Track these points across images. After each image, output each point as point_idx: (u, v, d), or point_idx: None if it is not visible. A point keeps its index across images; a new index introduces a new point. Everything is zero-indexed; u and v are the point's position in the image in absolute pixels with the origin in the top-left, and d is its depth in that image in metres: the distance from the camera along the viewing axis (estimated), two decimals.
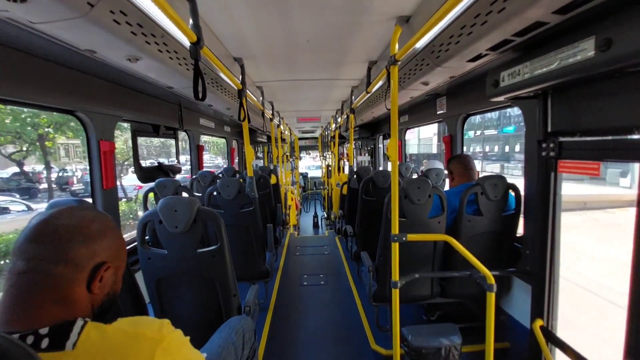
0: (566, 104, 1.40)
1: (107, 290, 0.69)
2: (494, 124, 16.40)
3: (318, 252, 4.39)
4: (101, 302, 0.68)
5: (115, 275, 0.70)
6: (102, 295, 0.68)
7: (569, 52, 1.10)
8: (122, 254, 0.72)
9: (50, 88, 1.57)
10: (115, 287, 0.72)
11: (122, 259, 0.72)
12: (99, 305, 0.67)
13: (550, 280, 1.55)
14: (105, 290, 0.68)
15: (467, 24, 1.30)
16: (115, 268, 0.69)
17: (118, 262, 0.70)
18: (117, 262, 0.70)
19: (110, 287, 0.69)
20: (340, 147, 7.09)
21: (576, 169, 1.36)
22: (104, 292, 0.68)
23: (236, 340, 1.25)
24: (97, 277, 0.64)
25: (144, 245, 1.47)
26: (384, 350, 2.04)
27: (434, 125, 11.79)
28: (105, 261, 0.66)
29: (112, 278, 0.69)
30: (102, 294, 0.67)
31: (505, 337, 1.95)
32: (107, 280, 0.67)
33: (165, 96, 2.65)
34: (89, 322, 0.60)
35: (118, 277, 0.72)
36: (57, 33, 1.10)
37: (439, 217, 1.87)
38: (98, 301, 0.67)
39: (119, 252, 0.70)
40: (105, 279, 0.66)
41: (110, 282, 0.69)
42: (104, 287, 0.67)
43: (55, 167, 11.19)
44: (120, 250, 0.71)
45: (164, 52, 1.50)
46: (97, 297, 0.66)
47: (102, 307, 0.69)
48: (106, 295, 0.69)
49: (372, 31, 1.83)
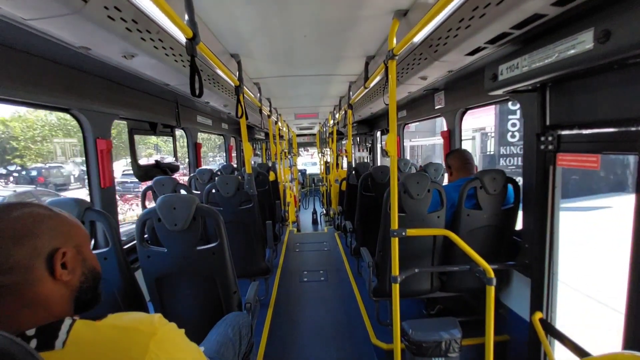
0: (565, 96, 1.40)
1: (79, 271, 0.67)
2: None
3: (317, 248, 4.40)
4: (79, 284, 0.67)
5: (80, 253, 0.68)
6: (77, 278, 0.66)
7: (568, 44, 1.10)
8: (75, 232, 0.69)
9: (45, 86, 1.56)
10: (89, 264, 0.70)
11: (78, 237, 0.69)
12: (78, 288, 0.66)
13: (550, 273, 1.56)
14: (77, 272, 0.66)
15: (465, 17, 1.29)
16: (75, 247, 0.67)
17: (73, 241, 0.67)
18: (72, 242, 0.66)
19: (81, 266, 0.68)
20: (338, 143, 7.08)
21: (575, 162, 1.36)
22: (77, 275, 0.66)
23: (233, 336, 1.25)
24: (57, 266, 0.62)
25: (143, 243, 1.47)
26: (385, 344, 2.05)
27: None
28: (58, 247, 0.63)
29: (78, 258, 0.67)
30: (75, 278, 0.66)
31: (505, 330, 1.97)
32: (73, 262, 0.65)
33: (161, 93, 2.63)
34: (77, 320, 0.59)
35: (85, 254, 0.70)
36: (50, 30, 1.09)
37: (438, 211, 1.87)
38: (75, 285, 0.66)
39: (68, 233, 0.67)
40: (69, 262, 0.64)
41: (78, 262, 0.67)
42: (74, 270, 0.65)
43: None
44: (70, 231, 0.67)
45: (159, 49, 1.48)
46: (72, 282, 0.65)
47: (83, 288, 0.67)
48: (82, 275, 0.67)
49: (370, 25, 1.81)
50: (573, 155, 1.37)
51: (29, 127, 13.61)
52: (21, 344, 0.42)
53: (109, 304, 1.35)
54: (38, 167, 13.58)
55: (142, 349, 0.58)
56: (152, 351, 0.59)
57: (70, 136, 15.89)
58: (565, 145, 1.40)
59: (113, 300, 1.35)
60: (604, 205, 8.36)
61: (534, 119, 1.57)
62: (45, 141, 14.70)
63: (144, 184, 2.80)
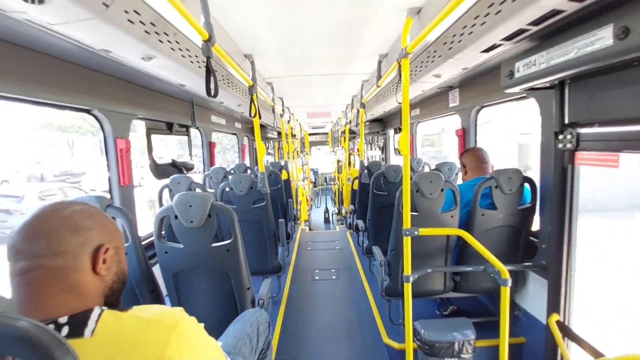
0: (584, 94, 1.36)
1: (114, 270, 0.72)
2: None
3: (329, 247, 4.41)
4: (111, 283, 0.71)
5: (118, 254, 0.74)
6: (111, 276, 0.71)
7: (586, 40, 1.07)
8: (117, 235, 0.75)
9: (68, 88, 1.62)
10: (122, 267, 0.75)
11: (118, 239, 0.75)
12: (110, 287, 0.70)
13: (567, 275, 1.52)
14: (112, 271, 0.71)
15: (480, 13, 1.27)
16: (115, 248, 0.72)
17: (115, 242, 0.73)
18: (114, 243, 0.72)
19: (116, 267, 0.73)
20: (350, 142, 7.06)
21: (595, 161, 1.32)
22: (112, 273, 0.71)
23: (251, 332, 1.27)
24: (99, 260, 0.67)
25: (161, 239, 1.51)
26: (397, 344, 2.04)
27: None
28: (102, 244, 0.69)
29: (115, 258, 0.72)
30: (110, 275, 0.70)
31: (520, 332, 1.93)
32: (111, 261, 0.70)
33: (177, 94, 2.69)
34: (105, 310, 0.63)
35: (121, 256, 0.75)
36: (73, 34, 1.13)
37: (451, 211, 1.85)
38: (108, 283, 0.70)
39: (112, 234, 0.73)
40: (109, 260, 0.69)
41: (115, 262, 0.72)
42: (110, 268, 0.70)
43: None
44: (115, 232, 0.75)
45: (176, 51, 1.52)
46: (106, 278, 0.69)
47: (114, 288, 0.72)
48: (115, 275, 0.72)
49: (383, 24, 1.80)
50: (592, 153, 1.33)
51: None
52: (51, 332, 0.44)
53: (128, 298, 1.40)
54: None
55: (163, 342, 0.61)
56: (172, 343, 0.61)
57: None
58: (584, 144, 1.36)
59: (132, 294, 1.40)
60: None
61: (551, 117, 1.54)
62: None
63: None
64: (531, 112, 8.45)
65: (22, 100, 1.46)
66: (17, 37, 1.27)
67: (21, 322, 0.43)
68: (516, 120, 11.79)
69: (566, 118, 1.44)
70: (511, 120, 11.95)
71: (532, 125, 11.11)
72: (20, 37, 1.27)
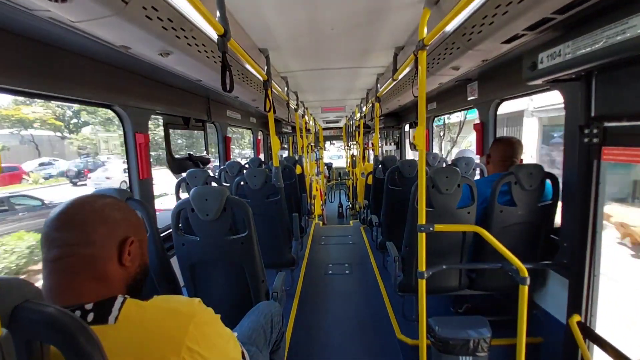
0: (612, 86, 1.29)
1: (137, 262, 0.75)
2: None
3: (343, 241, 4.41)
4: (135, 274, 0.74)
5: (141, 247, 0.77)
6: (135, 268, 0.74)
7: (617, 29, 1.01)
8: (141, 229, 0.79)
9: (90, 84, 1.67)
10: (144, 259, 0.79)
11: (143, 233, 0.79)
12: (133, 278, 0.74)
13: (590, 274, 1.47)
14: (136, 263, 0.75)
15: (502, 2, 1.22)
16: (139, 241, 0.76)
17: (140, 235, 0.77)
18: (139, 236, 0.76)
19: (139, 259, 0.76)
20: (365, 136, 7.00)
21: (622, 156, 1.26)
22: (136, 265, 0.74)
23: (265, 324, 1.30)
24: (125, 251, 0.70)
25: (178, 231, 1.55)
26: (410, 339, 2.03)
27: None
28: (129, 236, 0.72)
29: (139, 250, 0.76)
30: (134, 267, 0.74)
31: (538, 332, 1.88)
32: (135, 252, 0.74)
33: (194, 89, 2.73)
34: (128, 298, 0.65)
35: (144, 249, 0.79)
36: (94, 31, 1.16)
37: (468, 207, 1.81)
38: (132, 273, 0.73)
39: (138, 227, 0.77)
40: (133, 252, 0.73)
41: (139, 254, 0.76)
42: (134, 260, 0.73)
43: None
44: (139, 225, 0.78)
45: (192, 46, 1.54)
46: (130, 269, 0.73)
47: (137, 278, 0.75)
48: (138, 267, 0.76)
49: (399, 15, 1.76)
50: (620, 148, 1.27)
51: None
52: (75, 317, 0.46)
53: (147, 288, 1.44)
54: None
55: (182, 330, 0.63)
56: (191, 332, 0.64)
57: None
58: (611, 138, 1.30)
59: (151, 284, 1.45)
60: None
61: (576, 110, 1.47)
62: None
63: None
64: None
65: (50, 97, 1.52)
66: (43, 35, 1.31)
67: (49, 308, 0.45)
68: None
69: (592, 111, 1.38)
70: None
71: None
72: (45, 35, 1.31)
